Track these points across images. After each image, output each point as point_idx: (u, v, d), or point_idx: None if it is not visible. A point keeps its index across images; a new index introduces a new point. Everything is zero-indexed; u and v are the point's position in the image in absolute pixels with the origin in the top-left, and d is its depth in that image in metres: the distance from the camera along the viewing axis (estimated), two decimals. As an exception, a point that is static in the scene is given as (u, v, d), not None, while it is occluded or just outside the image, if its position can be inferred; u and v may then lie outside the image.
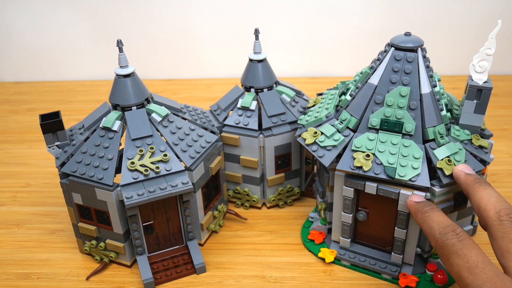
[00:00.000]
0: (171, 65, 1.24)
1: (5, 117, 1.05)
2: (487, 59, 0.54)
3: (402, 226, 0.55)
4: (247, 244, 0.66)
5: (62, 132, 0.60)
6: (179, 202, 0.60)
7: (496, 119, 0.97)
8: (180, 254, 0.62)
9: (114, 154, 0.57)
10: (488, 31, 0.53)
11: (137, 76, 0.60)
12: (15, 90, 1.20)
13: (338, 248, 0.62)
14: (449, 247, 0.42)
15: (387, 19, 1.15)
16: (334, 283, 0.59)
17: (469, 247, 0.41)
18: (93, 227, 0.60)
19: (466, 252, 0.40)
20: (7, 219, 0.72)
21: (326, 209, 0.63)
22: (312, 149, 0.57)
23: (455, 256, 0.41)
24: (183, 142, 0.60)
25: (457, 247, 0.41)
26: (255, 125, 0.67)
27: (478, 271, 0.39)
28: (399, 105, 0.53)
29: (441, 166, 0.52)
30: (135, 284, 0.60)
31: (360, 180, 0.55)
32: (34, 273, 0.62)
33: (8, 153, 0.91)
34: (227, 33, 1.19)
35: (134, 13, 1.17)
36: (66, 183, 0.58)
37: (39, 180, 0.81)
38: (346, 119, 0.57)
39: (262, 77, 0.68)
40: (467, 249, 0.41)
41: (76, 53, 1.23)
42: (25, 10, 1.18)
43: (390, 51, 0.55)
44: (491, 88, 0.54)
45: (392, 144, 0.53)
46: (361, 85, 0.57)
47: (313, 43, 1.20)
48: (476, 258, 0.40)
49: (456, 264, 0.41)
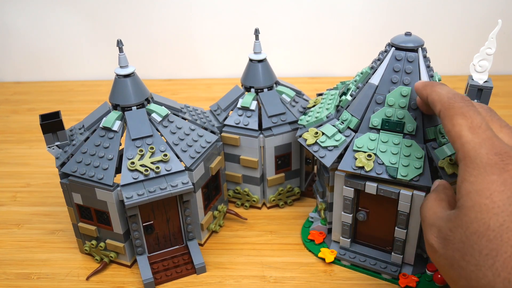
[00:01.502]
0: (171, 65, 1.24)
1: (5, 117, 1.05)
2: (487, 58, 0.54)
3: (402, 226, 0.55)
4: (247, 244, 0.66)
5: (62, 132, 0.60)
6: (179, 202, 0.60)
7: (496, 119, 0.97)
8: (180, 254, 0.62)
9: (114, 154, 0.57)
10: (488, 31, 0.53)
11: (137, 76, 0.60)
12: (15, 90, 1.20)
13: (338, 248, 0.62)
14: (456, 108, 0.41)
15: (387, 19, 1.15)
16: (334, 283, 0.59)
17: (476, 112, 0.40)
18: (93, 227, 0.60)
19: (472, 115, 0.40)
20: (7, 219, 0.72)
21: (326, 209, 0.63)
22: (313, 150, 0.57)
23: (460, 117, 0.40)
24: (183, 142, 0.60)
25: (464, 109, 0.41)
26: (255, 125, 0.67)
27: (480, 131, 0.39)
28: (400, 105, 0.53)
29: (442, 166, 0.52)
30: (135, 284, 0.60)
31: (360, 180, 0.54)
32: (34, 273, 0.61)
33: (8, 153, 0.91)
34: (227, 33, 1.19)
35: (134, 13, 1.17)
36: (66, 183, 0.58)
37: (39, 180, 0.81)
38: (347, 119, 0.57)
39: (262, 77, 0.68)
40: (473, 112, 0.40)
41: (76, 53, 1.23)
42: (25, 10, 1.18)
43: (391, 51, 0.55)
44: (491, 87, 0.54)
45: (393, 144, 0.53)
46: (362, 85, 0.57)
47: (313, 43, 1.19)
48: (480, 121, 0.39)
49: (459, 123, 0.40)
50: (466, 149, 0.38)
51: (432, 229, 0.40)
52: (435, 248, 0.39)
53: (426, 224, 0.41)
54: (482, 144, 0.38)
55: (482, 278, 0.34)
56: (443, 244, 0.38)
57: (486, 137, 0.38)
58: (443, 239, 0.38)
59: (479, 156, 0.37)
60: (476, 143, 0.38)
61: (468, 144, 0.38)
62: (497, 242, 0.34)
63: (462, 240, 0.36)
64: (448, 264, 0.38)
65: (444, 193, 0.43)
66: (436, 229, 0.40)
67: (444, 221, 0.39)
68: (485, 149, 0.37)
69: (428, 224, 0.41)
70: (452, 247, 0.37)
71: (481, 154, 0.37)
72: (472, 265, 0.35)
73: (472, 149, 0.38)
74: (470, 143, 0.38)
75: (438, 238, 0.39)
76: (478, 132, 0.39)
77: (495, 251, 0.34)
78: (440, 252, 0.38)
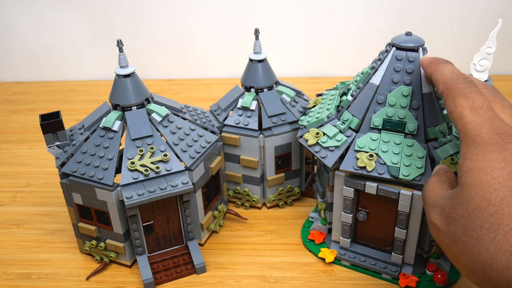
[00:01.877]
0: (171, 65, 1.24)
1: (5, 117, 1.05)
2: (487, 58, 0.54)
3: (402, 226, 0.55)
4: (247, 244, 0.66)
5: (62, 132, 0.60)
6: (179, 202, 0.60)
7: (497, 119, 0.97)
8: (180, 254, 0.62)
9: (114, 154, 0.57)
10: (488, 31, 0.53)
11: (137, 76, 0.60)
12: (15, 90, 1.20)
13: (338, 248, 0.62)
14: (458, 90, 0.42)
15: (387, 19, 1.15)
16: (334, 283, 0.59)
17: (478, 93, 0.41)
18: (93, 227, 0.60)
19: (474, 96, 0.40)
20: (7, 219, 0.72)
21: (326, 209, 0.63)
22: (314, 150, 0.57)
23: (462, 98, 0.41)
24: (183, 142, 0.60)
25: (466, 90, 0.41)
26: (255, 125, 0.67)
27: (481, 111, 0.39)
28: (401, 105, 0.53)
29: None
30: (135, 284, 0.60)
31: (361, 180, 0.54)
32: (34, 273, 0.61)
33: (8, 153, 0.90)
34: (227, 33, 1.19)
35: (134, 13, 1.17)
36: (66, 183, 0.58)
37: (39, 180, 0.81)
38: (348, 120, 0.57)
39: (262, 77, 0.68)
40: (475, 93, 0.41)
41: (76, 53, 1.23)
42: (25, 10, 1.18)
43: (392, 51, 0.55)
44: (491, 87, 0.54)
45: (395, 144, 0.53)
46: (363, 85, 0.57)
47: (313, 43, 1.19)
48: (482, 102, 0.40)
49: (460, 104, 0.41)
50: (468, 129, 0.39)
51: (435, 209, 0.41)
52: (438, 226, 0.40)
53: (429, 205, 0.42)
54: (483, 124, 0.38)
55: (484, 252, 0.35)
56: (446, 222, 0.39)
57: (487, 118, 0.39)
58: (445, 217, 0.39)
59: (480, 136, 0.38)
60: (478, 123, 0.39)
61: (470, 124, 0.39)
62: (498, 216, 0.34)
63: (464, 216, 0.37)
64: (451, 241, 0.38)
65: (445, 176, 0.44)
66: (438, 208, 0.40)
67: (447, 200, 0.40)
68: (486, 129, 0.38)
69: (430, 205, 0.42)
70: (455, 224, 0.38)
71: (482, 134, 0.38)
72: (474, 240, 0.36)
73: (474, 129, 0.38)
74: (471, 123, 0.39)
75: (441, 217, 0.40)
76: (480, 112, 0.39)
77: (496, 225, 0.34)
78: (443, 230, 0.39)
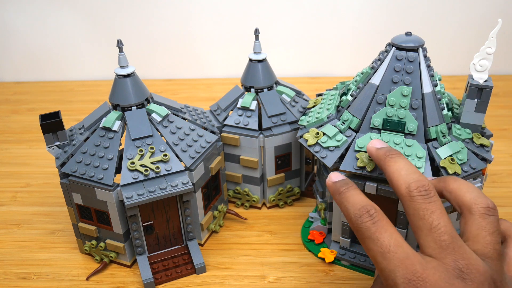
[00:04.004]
0: (171, 65, 1.24)
1: (5, 117, 1.05)
2: (487, 58, 0.54)
3: (402, 226, 0.55)
4: (247, 244, 0.66)
5: (62, 132, 0.60)
6: (179, 202, 0.60)
7: (496, 119, 0.97)
8: (180, 254, 0.62)
9: (114, 154, 0.57)
10: (487, 31, 0.53)
11: (137, 76, 0.60)
12: (15, 90, 1.20)
13: (338, 248, 0.62)
14: (363, 231, 0.40)
15: (387, 19, 1.15)
16: (334, 283, 0.59)
17: (382, 230, 0.39)
18: (93, 227, 0.60)
19: (379, 236, 0.39)
20: (7, 219, 0.72)
21: (326, 209, 0.63)
22: (314, 150, 0.57)
23: (369, 241, 0.40)
24: (183, 142, 0.60)
25: (370, 231, 0.40)
26: (255, 125, 0.67)
27: (390, 255, 0.38)
28: (401, 105, 0.53)
29: (444, 165, 0.52)
30: (135, 284, 0.60)
31: (360, 180, 0.54)
32: (34, 273, 0.61)
33: (8, 153, 0.90)
34: (227, 33, 1.19)
35: (134, 13, 1.17)
36: (66, 183, 0.58)
37: (39, 180, 0.81)
38: (348, 120, 0.57)
39: (262, 77, 0.68)
40: (379, 232, 0.39)
41: (76, 53, 1.23)
42: (25, 10, 1.18)
43: (391, 51, 0.55)
44: (491, 87, 0.54)
45: (394, 144, 0.53)
46: (363, 85, 0.57)
47: (313, 43, 1.19)
48: (388, 242, 0.39)
49: (371, 248, 0.40)
50: (384, 277, 0.39)
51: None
52: None
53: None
54: (395, 271, 0.37)
55: None
56: None
57: (397, 261, 0.38)
58: None
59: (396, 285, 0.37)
60: (391, 271, 0.38)
61: (384, 271, 0.38)
62: None
63: None
64: None
65: None
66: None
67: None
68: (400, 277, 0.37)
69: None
70: None
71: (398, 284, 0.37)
72: None
73: (389, 277, 0.38)
74: (385, 270, 0.38)
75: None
76: (389, 257, 0.38)
77: None
78: None
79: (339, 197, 0.44)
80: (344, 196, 0.44)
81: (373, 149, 0.47)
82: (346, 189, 0.44)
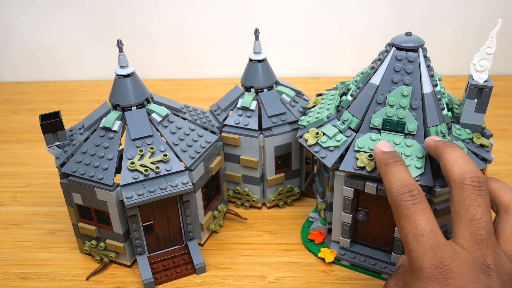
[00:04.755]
0: (171, 65, 1.24)
1: (5, 117, 1.05)
2: (487, 58, 0.54)
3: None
4: (247, 244, 0.66)
5: (62, 132, 0.60)
6: (179, 202, 0.60)
7: (496, 119, 0.97)
8: (180, 254, 0.62)
9: (114, 154, 0.57)
10: (488, 31, 0.53)
11: (137, 76, 0.60)
12: (15, 90, 1.20)
13: (338, 248, 0.62)
14: (401, 209, 0.40)
15: (387, 19, 1.15)
16: (334, 283, 0.59)
17: (421, 213, 0.40)
18: (93, 227, 0.60)
19: (417, 218, 0.39)
20: (7, 219, 0.72)
21: (326, 209, 0.63)
22: (314, 150, 0.57)
23: (406, 220, 0.40)
24: (183, 142, 0.60)
25: (409, 210, 0.40)
26: (255, 125, 0.67)
27: (423, 239, 0.38)
28: (401, 105, 0.53)
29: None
30: (135, 284, 0.60)
31: (360, 180, 0.54)
32: (34, 273, 0.61)
33: (8, 153, 0.90)
34: (227, 33, 1.19)
35: (134, 13, 1.17)
36: (66, 183, 0.58)
37: (39, 180, 0.81)
38: (348, 120, 0.57)
39: (262, 77, 0.68)
40: (418, 214, 0.40)
41: (76, 53, 1.23)
42: (25, 10, 1.18)
43: (391, 51, 0.55)
44: (491, 87, 0.54)
45: (394, 144, 0.53)
46: (362, 85, 0.57)
47: (313, 43, 1.19)
48: (424, 226, 0.39)
49: (405, 227, 0.40)
50: (411, 258, 0.39)
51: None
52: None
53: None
54: (424, 256, 0.38)
55: None
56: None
57: (429, 247, 0.38)
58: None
59: (422, 269, 0.38)
60: (419, 254, 0.38)
61: (412, 253, 0.39)
62: None
63: None
64: None
65: (403, 280, 0.44)
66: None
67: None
68: (427, 262, 0.38)
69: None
70: None
71: (424, 268, 0.38)
72: None
73: (416, 260, 0.38)
74: (414, 252, 0.39)
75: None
76: (421, 240, 0.38)
77: None
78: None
79: (385, 169, 0.44)
80: (390, 169, 0.44)
81: (431, 140, 0.48)
82: (394, 162, 0.44)
